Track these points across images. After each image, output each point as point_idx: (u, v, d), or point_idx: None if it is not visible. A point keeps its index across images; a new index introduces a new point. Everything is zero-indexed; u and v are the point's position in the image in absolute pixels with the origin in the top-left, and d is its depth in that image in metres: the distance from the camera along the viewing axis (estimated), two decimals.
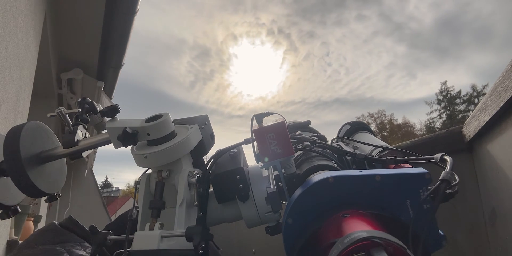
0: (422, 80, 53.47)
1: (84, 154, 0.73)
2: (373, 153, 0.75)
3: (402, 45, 55.74)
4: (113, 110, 0.66)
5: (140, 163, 0.63)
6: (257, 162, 0.74)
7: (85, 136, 0.73)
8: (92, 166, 5.98)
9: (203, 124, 0.71)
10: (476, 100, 29.82)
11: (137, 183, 0.65)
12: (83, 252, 0.71)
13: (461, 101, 32.00)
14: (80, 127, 0.72)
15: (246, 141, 0.68)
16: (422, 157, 0.66)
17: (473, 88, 31.13)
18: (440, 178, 0.50)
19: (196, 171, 0.64)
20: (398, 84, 54.44)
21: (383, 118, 37.99)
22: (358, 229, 0.41)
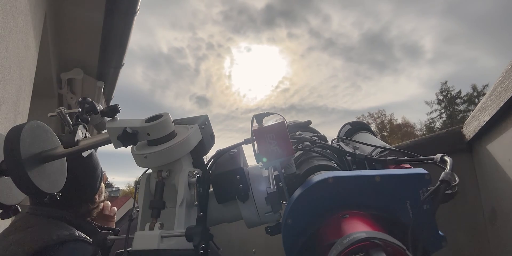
0: (367, 91, 55.82)
1: (84, 154, 0.73)
2: (373, 154, 0.75)
3: (339, 59, 58.56)
4: (113, 110, 0.66)
5: (140, 163, 0.63)
6: (257, 162, 0.74)
7: (85, 136, 0.73)
8: None
9: (203, 124, 0.71)
10: (476, 100, 29.83)
11: (137, 183, 0.65)
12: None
13: (462, 101, 32.05)
14: (80, 127, 0.72)
15: (246, 141, 0.68)
16: (422, 157, 0.66)
17: (473, 88, 31.18)
18: (440, 178, 0.50)
19: (196, 171, 0.64)
20: (346, 93, 56.96)
21: (383, 118, 38.08)
22: (358, 229, 0.41)
